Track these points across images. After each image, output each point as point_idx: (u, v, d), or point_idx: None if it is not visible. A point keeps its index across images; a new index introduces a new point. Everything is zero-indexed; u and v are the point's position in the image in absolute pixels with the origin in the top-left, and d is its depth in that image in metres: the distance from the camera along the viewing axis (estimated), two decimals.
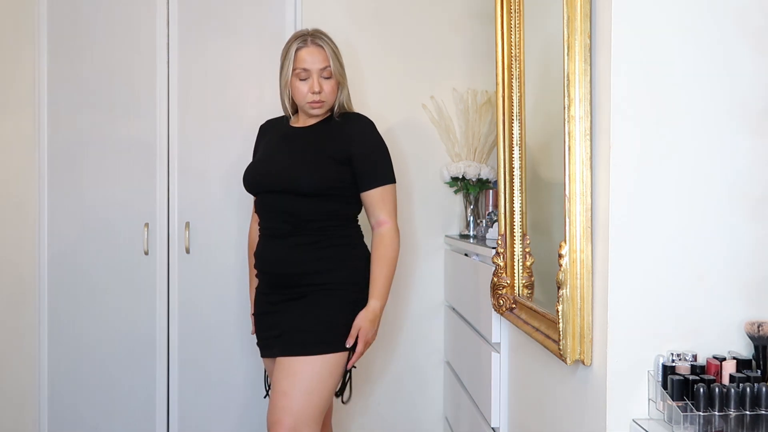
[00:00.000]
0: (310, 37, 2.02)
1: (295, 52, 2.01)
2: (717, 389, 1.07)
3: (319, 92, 1.99)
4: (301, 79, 2.01)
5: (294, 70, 2.01)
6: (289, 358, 1.92)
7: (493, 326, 1.92)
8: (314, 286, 1.98)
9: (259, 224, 2.10)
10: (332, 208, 2.01)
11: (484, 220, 2.47)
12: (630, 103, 1.19)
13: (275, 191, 2.01)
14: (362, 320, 1.97)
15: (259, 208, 2.08)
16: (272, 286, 2.04)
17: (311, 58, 2.00)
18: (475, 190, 2.64)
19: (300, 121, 2.12)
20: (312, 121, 2.09)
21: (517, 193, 1.67)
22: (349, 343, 1.95)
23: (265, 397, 2.20)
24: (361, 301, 2.00)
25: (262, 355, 2.13)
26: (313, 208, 1.99)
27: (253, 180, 2.07)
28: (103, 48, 2.71)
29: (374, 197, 2.03)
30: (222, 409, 2.73)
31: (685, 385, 1.11)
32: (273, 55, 2.70)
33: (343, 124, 2.07)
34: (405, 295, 2.79)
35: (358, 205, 2.08)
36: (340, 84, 2.06)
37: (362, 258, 2.05)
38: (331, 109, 2.10)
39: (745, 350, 1.20)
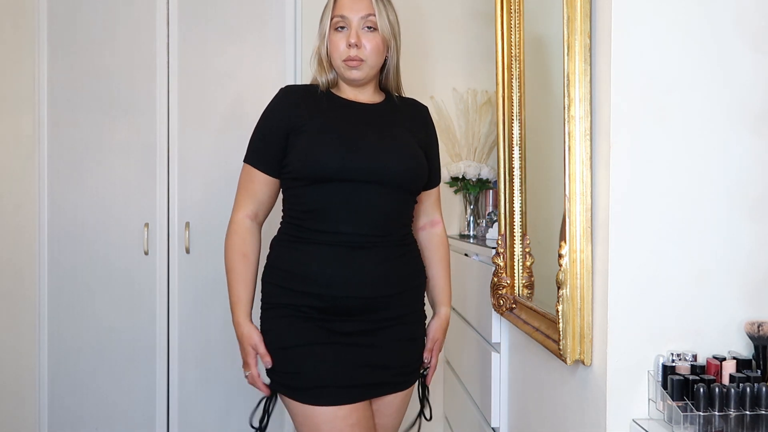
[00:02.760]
0: None
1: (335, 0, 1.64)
2: (717, 389, 1.07)
3: (357, 46, 1.59)
4: (338, 31, 1.62)
5: (332, 18, 1.62)
6: (405, 392, 1.70)
7: (493, 326, 1.92)
8: (399, 309, 1.64)
9: (309, 227, 1.59)
10: (412, 208, 1.71)
11: (484, 220, 2.47)
12: (630, 103, 1.19)
13: (367, 181, 1.56)
14: (439, 331, 1.75)
15: (321, 207, 1.57)
16: (344, 314, 1.58)
17: (351, 4, 1.61)
18: (475, 190, 2.64)
19: (350, 94, 1.68)
20: (378, 99, 1.71)
21: (517, 193, 1.67)
22: (428, 358, 1.74)
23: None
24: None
25: (327, 401, 1.54)
26: (404, 208, 1.65)
27: (342, 163, 1.54)
28: (103, 48, 2.71)
29: (434, 195, 1.81)
30: (222, 409, 2.73)
31: (685, 385, 1.11)
32: (273, 55, 2.71)
33: (411, 106, 1.76)
34: None
35: None
36: (389, 46, 1.66)
37: (425, 270, 1.78)
38: (381, 81, 1.72)
39: (745, 350, 1.20)
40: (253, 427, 1.69)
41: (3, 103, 2.67)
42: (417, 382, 1.79)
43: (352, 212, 1.56)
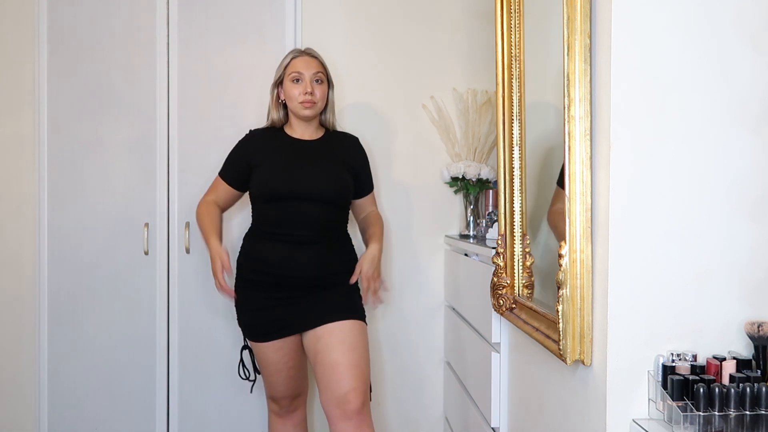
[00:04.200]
0: (304, 50, 2.29)
1: (291, 59, 2.26)
2: (717, 389, 1.07)
3: (311, 93, 2.21)
4: (294, 82, 2.23)
5: (289, 74, 2.23)
6: (338, 323, 2.13)
7: (493, 326, 1.92)
8: (337, 279, 2.22)
9: (267, 230, 2.21)
10: (344, 214, 2.30)
11: (484, 220, 2.47)
12: (630, 103, 1.19)
13: (303, 199, 2.16)
14: (365, 261, 2.25)
15: (274, 217, 2.19)
16: (290, 288, 2.18)
17: (305, 64, 2.23)
18: (475, 190, 2.64)
19: (298, 132, 2.29)
20: (317, 135, 2.30)
21: (517, 193, 1.67)
22: (352, 281, 2.24)
23: (253, 380, 2.41)
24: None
25: (267, 339, 2.22)
26: (334, 216, 2.23)
27: (282, 187, 2.17)
28: (103, 48, 2.71)
29: (369, 199, 2.42)
30: (222, 409, 2.73)
31: (685, 385, 1.11)
32: (273, 55, 2.71)
33: (343, 139, 2.36)
34: (405, 295, 2.79)
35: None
36: (329, 94, 2.31)
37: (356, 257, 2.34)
38: (322, 118, 2.33)
39: (745, 350, 1.20)
40: (242, 377, 2.40)
41: (3, 103, 2.67)
42: None
43: (295, 220, 2.17)
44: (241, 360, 2.37)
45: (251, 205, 2.30)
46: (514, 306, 1.66)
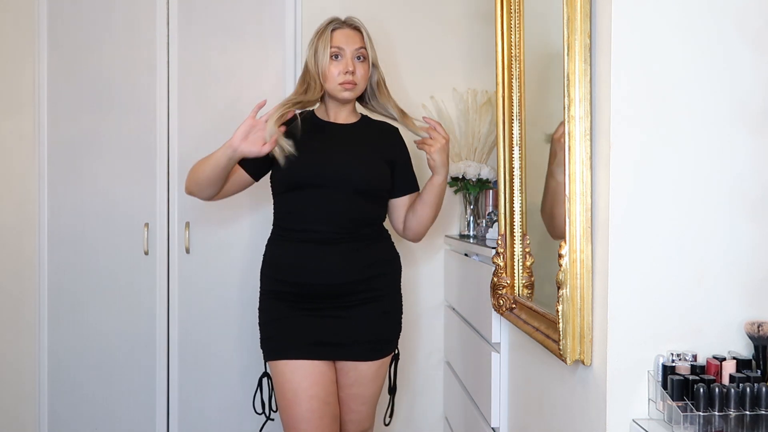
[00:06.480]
0: (345, 20, 2.02)
1: (331, 32, 1.97)
2: (717, 389, 1.07)
3: (353, 72, 1.94)
4: (333, 59, 1.95)
5: (330, 49, 1.94)
6: (358, 363, 1.98)
7: (493, 326, 1.92)
8: (371, 291, 1.98)
9: (287, 227, 1.95)
10: (379, 210, 2.04)
11: (484, 220, 2.47)
12: (630, 103, 1.19)
13: (329, 187, 1.89)
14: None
15: (295, 209, 1.93)
16: (316, 299, 1.93)
17: (346, 38, 1.96)
18: (475, 190, 2.64)
19: (332, 115, 2.03)
20: (352, 119, 2.05)
21: (517, 193, 1.67)
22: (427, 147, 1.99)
23: (268, 417, 2.09)
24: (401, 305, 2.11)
25: (287, 356, 1.91)
26: (367, 210, 1.96)
27: (305, 172, 1.88)
28: (103, 48, 2.71)
29: (411, 200, 2.12)
30: (222, 409, 2.73)
31: (685, 385, 1.11)
32: (273, 54, 2.71)
33: (382, 128, 2.10)
34: (405, 295, 2.77)
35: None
36: (374, 69, 2.03)
37: (399, 258, 2.12)
38: (362, 100, 2.07)
39: (745, 350, 1.20)
40: (257, 412, 2.11)
41: (3, 103, 2.67)
42: (388, 372, 2.09)
43: (319, 213, 1.89)
44: (259, 388, 2.07)
45: (273, 202, 2.03)
46: (514, 306, 1.66)
